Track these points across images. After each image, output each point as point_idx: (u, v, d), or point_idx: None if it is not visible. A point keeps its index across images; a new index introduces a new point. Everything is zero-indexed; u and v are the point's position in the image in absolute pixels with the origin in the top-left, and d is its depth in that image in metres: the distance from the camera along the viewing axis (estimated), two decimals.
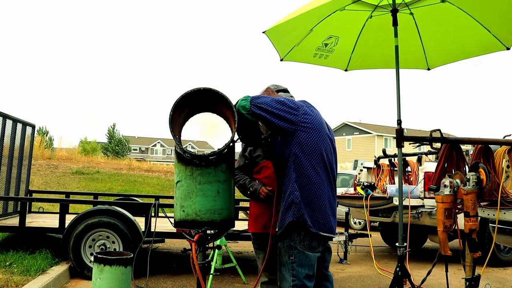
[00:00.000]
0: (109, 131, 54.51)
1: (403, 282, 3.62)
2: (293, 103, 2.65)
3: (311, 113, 2.66)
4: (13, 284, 4.31)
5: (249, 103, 2.56)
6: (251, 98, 2.58)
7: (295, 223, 2.55)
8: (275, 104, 2.57)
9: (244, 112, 2.56)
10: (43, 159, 18.70)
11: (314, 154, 2.59)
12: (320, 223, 2.58)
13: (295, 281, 2.56)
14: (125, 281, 3.43)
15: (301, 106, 2.65)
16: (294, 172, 2.57)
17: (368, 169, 8.28)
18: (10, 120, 6.44)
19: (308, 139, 2.59)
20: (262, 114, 2.55)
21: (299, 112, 2.61)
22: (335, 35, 4.40)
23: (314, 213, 2.56)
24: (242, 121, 2.59)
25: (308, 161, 2.57)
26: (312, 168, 2.58)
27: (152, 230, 5.09)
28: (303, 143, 2.58)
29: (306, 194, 2.55)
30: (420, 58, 4.60)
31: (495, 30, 4.02)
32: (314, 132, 2.61)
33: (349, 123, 45.61)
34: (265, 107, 2.54)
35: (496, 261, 6.89)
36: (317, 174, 2.59)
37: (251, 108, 2.55)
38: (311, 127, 2.61)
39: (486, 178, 3.35)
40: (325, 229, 2.60)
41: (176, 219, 2.64)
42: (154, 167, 22.14)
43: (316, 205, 2.57)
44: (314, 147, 2.60)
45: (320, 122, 2.69)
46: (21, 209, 5.56)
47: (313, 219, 2.55)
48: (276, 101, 2.59)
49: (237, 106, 2.56)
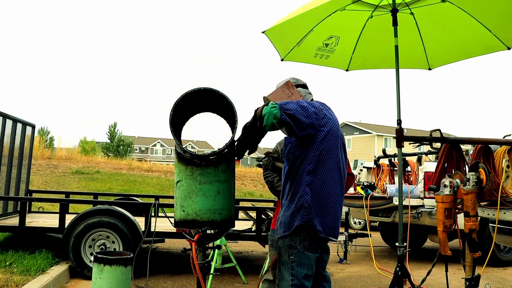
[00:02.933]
0: (110, 131, 54.51)
1: (403, 282, 3.62)
2: (314, 106, 2.55)
3: (330, 117, 2.62)
4: (13, 284, 4.31)
5: (279, 111, 2.36)
6: (280, 106, 2.40)
7: (303, 226, 2.53)
8: (301, 110, 2.44)
9: (274, 121, 2.36)
10: (43, 159, 18.71)
11: (330, 158, 2.57)
12: (330, 227, 2.57)
13: (294, 281, 2.56)
14: (125, 281, 3.44)
15: (321, 110, 2.59)
16: (308, 175, 2.54)
17: (368, 169, 8.29)
18: (10, 120, 6.44)
19: (326, 143, 2.55)
20: (289, 122, 2.40)
21: (319, 116, 2.54)
22: (336, 35, 4.40)
23: (325, 217, 2.54)
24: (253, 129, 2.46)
25: (323, 165, 2.55)
26: (326, 172, 2.55)
27: (152, 230, 5.09)
28: (320, 147, 2.54)
29: (318, 198, 2.53)
30: (421, 58, 4.60)
31: (496, 29, 4.02)
32: (331, 136, 2.58)
33: (349, 123, 45.61)
34: (292, 113, 2.39)
35: (496, 261, 6.89)
36: (330, 179, 2.57)
37: (281, 116, 2.37)
38: (329, 131, 2.57)
39: (486, 178, 3.35)
40: (334, 234, 2.61)
41: (176, 219, 2.64)
42: (154, 167, 22.14)
43: (327, 210, 2.55)
44: (330, 151, 2.57)
45: (337, 126, 2.66)
46: (21, 209, 5.55)
47: (323, 223, 2.53)
48: (301, 108, 2.46)
49: (264, 115, 2.37)
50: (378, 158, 7.77)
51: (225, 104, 2.59)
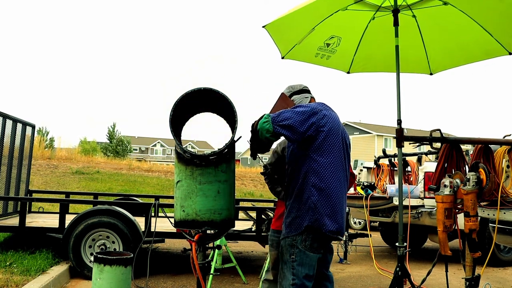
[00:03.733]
0: (109, 131, 54.52)
1: (403, 282, 3.62)
2: (310, 108, 2.56)
3: (329, 116, 2.61)
4: (13, 284, 4.31)
5: (272, 125, 2.43)
6: (272, 119, 2.45)
7: (311, 227, 2.54)
8: (296, 116, 2.47)
9: (268, 136, 2.44)
10: (43, 159, 18.70)
11: (332, 157, 2.57)
12: (339, 226, 2.57)
13: (295, 280, 2.57)
14: (125, 281, 3.44)
15: (320, 110, 2.58)
16: (312, 176, 2.54)
17: (368, 169, 8.29)
18: (10, 120, 6.44)
19: (327, 143, 2.55)
20: (284, 133, 2.45)
21: (318, 116, 2.54)
22: (337, 36, 4.38)
23: (333, 216, 2.54)
24: (255, 139, 2.50)
25: (327, 165, 2.55)
26: (330, 172, 2.56)
27: (152, 230, 5.09)
28: (322, 147, 2.54)
29: (324, 198, 2.53)
30: (423, 63, 4.57)
31: (498, 34, 3.99)
32: (332, 136, 2.58)
33: (349, 123, 45.62)
34: (287, 123, 2.44)
35: (496, 261, 6.89)
36: (335, 178, 2.57)
37: (274, 130, 2.43)
38: (330, 130, 2.57)
39: (486, 178, 3.35)
40: (342, 233, 2.62)
41: (176, 219, 2.64)
42: (154, 167, 22.13)
43: (334, 209, 2.55)
44: (332, 151, 2.57)
45: (338, 124, 2.66)
46: (21, 209, 5.55)
47: (332, 222, 2.53)
48: (296, 113, 2.48)
49: (258, 129, 2.44)
50: (378, 158, 7.77)
51: (225, 104, 2.59)
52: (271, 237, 3.48)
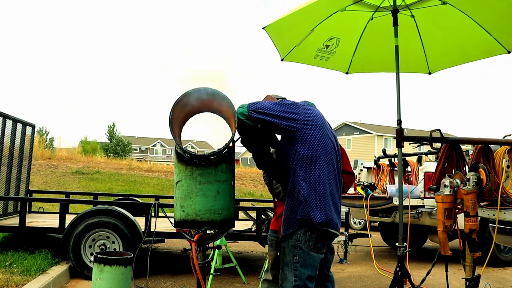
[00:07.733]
0: (109, 131, 54.53)
1: (403, 282, 3.62)
2: (292, 102, 2.68)
3: (311, 110, 2.68)
4: (13, 284, 4.31)
5: (247, 109, 2.59)
6: (248, 104, 2.63)
7: (303, 220, 2.55)
8: (274, 106, 2.60)
9: (243, 119, 2.59)
10: (43, 159, 18.71)
11: (319, 151, 2.59)
12: (329, 219, 2.56)
13: (297, 281, 2.55)
14: (125, 281, 3.44)
15: (301, 105, 2.67)
16: (301, 169, 2.57)
17: (368, 169, 8.29)
18: (10, 120, 6.44)
19: (312, 136, 2.59)
20: (261, 117, 2.57)
21: (299, 110, 2.62)
22: (336, 37, 4.39)
23: (321, 210, 2.55)
24: (243, 128, 2.61)
25: (314, 158, 2.57)
26: (319, 165, 2.58)
27: (152, 230, 5.09)
28: (307, 140, 2.58)
29: (314, 191, 2.54)
30: (422, 62, 4.58)
31: (496, 32, 4.00)
32: (317, 129, 2.62)
33: (349, 123, 45.63)
34: (263, 110, 2.57)
35: (496, 261, 6.89)
36: (324, 171, 2.59)
37: (249, 113, 2.58)
38: (314, 124, 2.62)
39: (486, 178, 3.35)
40: (333, 225, 2.59)
41: (176, 219, 2.64)
42: (154, 167, 22.14)
43: (324, 202, 2.56)
44: (318, 144, 2.60)
45: (322, 119, 2.70)
46: (21, 209, 5.56)
47: (322, 215, 2.53)
48: (275, 104, 2.62)
49: (236, 114, 2.57)
50: (378, 158, 7.77)
51: (225, 104, 2.59)
52: (270, 237, 3.49)
